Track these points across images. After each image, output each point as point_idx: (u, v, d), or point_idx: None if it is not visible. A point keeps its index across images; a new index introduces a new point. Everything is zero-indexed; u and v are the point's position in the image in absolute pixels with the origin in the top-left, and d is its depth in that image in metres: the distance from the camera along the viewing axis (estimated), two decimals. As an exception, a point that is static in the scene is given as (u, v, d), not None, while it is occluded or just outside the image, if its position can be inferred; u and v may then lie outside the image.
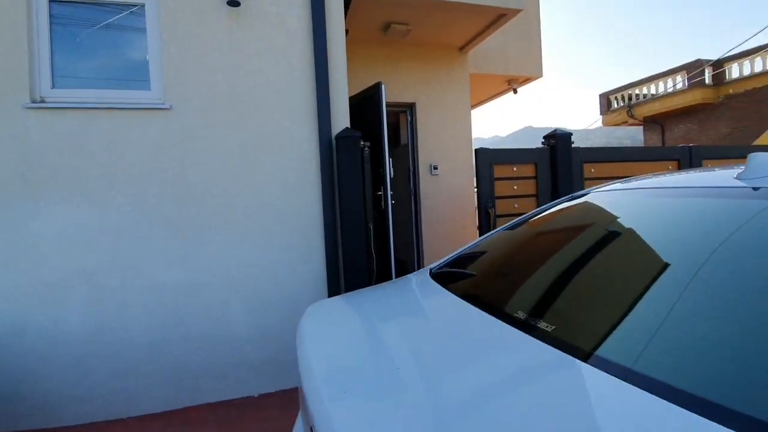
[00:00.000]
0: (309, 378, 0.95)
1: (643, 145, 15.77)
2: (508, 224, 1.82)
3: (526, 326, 0.96)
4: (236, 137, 2.79)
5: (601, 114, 16.15)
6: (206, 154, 2.73)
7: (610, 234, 1.28)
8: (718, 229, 0.99)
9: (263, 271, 2.84)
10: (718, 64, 12.28)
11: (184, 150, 2.69)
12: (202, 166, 2.72)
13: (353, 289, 1.92)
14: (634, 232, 1.23)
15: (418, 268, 4.67)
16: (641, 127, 15.39)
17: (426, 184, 5.01)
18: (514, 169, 3.43)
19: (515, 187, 3.42)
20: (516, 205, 3.43)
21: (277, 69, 2.88)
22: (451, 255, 1.68)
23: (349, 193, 2.88)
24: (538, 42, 6.19)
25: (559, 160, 3.47)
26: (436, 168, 5.03)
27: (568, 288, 1.15)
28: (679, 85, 13.00)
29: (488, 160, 3.31)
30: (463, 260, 1.61)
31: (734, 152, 4.17)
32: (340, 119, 3.02)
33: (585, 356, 0.78)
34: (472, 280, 1.43)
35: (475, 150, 3.30)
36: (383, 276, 3.71)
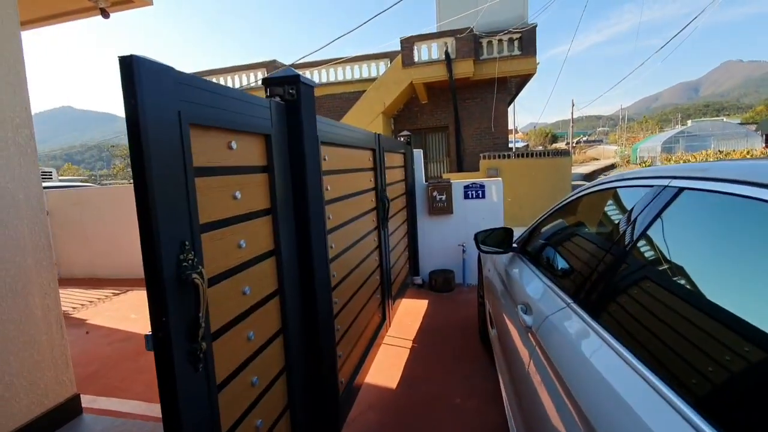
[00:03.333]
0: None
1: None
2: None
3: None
4: None
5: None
6: None
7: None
8: None
9: None
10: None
11: None
12: None
13: None
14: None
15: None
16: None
17: None
18: (233, 145, 1.26)
19: (237, 195, 1.27)
20: (242, 242, 1.30)
21: None
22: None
23: None
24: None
25: (304, 132, 1.64)
26: None
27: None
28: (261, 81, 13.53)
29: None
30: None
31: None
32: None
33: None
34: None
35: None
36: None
